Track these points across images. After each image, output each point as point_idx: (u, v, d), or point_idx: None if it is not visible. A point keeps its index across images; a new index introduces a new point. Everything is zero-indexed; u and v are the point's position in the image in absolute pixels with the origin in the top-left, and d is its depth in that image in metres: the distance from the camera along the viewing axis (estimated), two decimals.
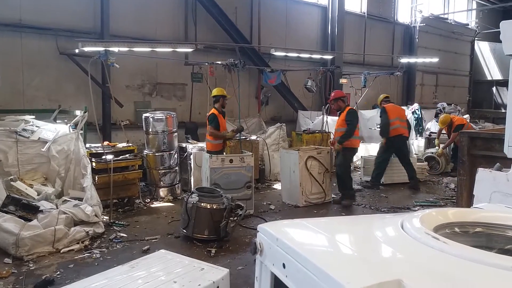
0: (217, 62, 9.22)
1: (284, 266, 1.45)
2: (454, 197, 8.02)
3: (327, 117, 11.47)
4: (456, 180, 6.82)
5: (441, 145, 10.90)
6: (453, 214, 1.76)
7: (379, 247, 1.49)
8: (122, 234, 6.01)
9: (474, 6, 20.90)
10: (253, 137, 9.71)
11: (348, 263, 1.37)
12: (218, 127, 7.39)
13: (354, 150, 8.24)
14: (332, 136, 9.33)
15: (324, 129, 11.26)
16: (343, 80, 13.26)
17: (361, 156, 10.37)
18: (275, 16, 12.62)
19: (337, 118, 12.56)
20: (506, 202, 2.37)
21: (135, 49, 8.23)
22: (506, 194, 2.45)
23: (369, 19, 15.52)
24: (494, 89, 20.55)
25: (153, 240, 5.84)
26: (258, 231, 1.69)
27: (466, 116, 13.56)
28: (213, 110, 7.48)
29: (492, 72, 20.90)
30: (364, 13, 15.41)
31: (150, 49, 8.51)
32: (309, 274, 1.30)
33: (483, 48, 21.06)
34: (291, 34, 12.96)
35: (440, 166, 10.84)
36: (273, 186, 9.41)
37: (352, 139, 7.87)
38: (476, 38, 20.72)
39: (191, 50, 9.36)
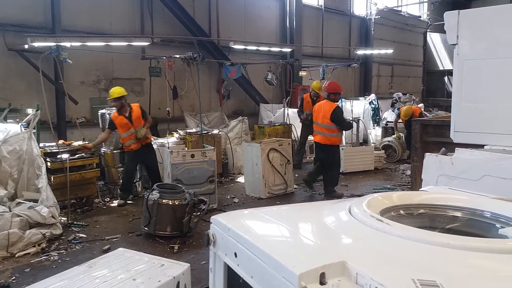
0: (175, 55, 9.08)
1: (236, 255, 1.47)
2: (409, 183, 8.35)
3: (288, 110, 11.61)
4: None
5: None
6: (398, 197, 1.84)
7: (327, 231, 1.54)
8: (81, 235, 5.85)
9: None
10: (215, 131, 9.67)
11: (296, 248, 1.41)
12: (114, 128, 7.32)
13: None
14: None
15: (285, 121, 11.39)
16: (302, 73, 13.45)
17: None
18: (234, 9, 12.57)
19: (296, 109, 12.82)
20: (451, 185, 2.50)
21: (88, 43, 7.97)
22: (451, 177, 2.58)
23: (326, 12, 15.76)
24: (446, 78, 21.45)
25: (114, 240, 5.73)
26: (211, 223, 1.70)
27: (421, 105, 14.09)
28: (114, 112, 7.42)
29: (444, 62, 21.81)
30: (321, 6, 15.63)
31: (104, 44, 8.27)
32: (258, 261, 1.32)
33: (435, 39, 21.91)
34: (250, 27, 12.96)
35: (397, 154, 11.24)
36: (237, 180, 9.43)
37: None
38: (428, 30, 21.52)
39: (148, 43, 9.17)
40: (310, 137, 10.62)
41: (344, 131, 7.76)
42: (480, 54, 3.24)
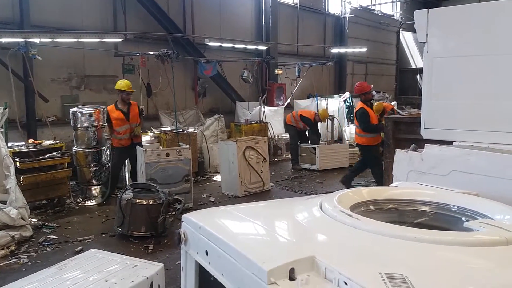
0: (149, 52, 8.95)
1: (207, 253, 1.46)
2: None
3: (264, 108, 11.64)
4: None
5: None
6: (367, 193, 1.87)
7: (298, 227, 1.55)
8: (52, 236, 5.71)
9: None
10: (191, 130, 9.60)
11: (266, 245, 1.41)
12: (110, 122, 7.35)
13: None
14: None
15: (261, 119, 11.42)
16: (278, 71, 13.50)
17: (298, 145, 10.64)
18: (209, 6, 12.48)
19: (275, 108, 12.89)
20: (421, 180, 2.55)
21: (58, 40, 7.76)
22: (420, 172, 2.64)
23: (302, 10, 15.84)
24: (418, 76, 21.93)
25: (86, 241, 5.62)
26: (182, 221, 1.68)
27: (394, 103, 14.36)
28: (111, 106, 7.52)
29: (416, 60, 22.30)
30: (297, 4, 15.70)
31: (75, 40, 8.06)
32: (229, 258, 1.32)
33: (407, 38, 22.36)
34: (226, 24, 12.90)
35: None
36: (213, 178, 9.40)
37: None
38: (401, 29, 21.93)
39: (120, 40, 8.99)
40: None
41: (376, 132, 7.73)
42: (449, 52, 3.32)
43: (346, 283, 1.09)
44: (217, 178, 9.11)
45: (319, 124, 10.95)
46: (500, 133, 3.07)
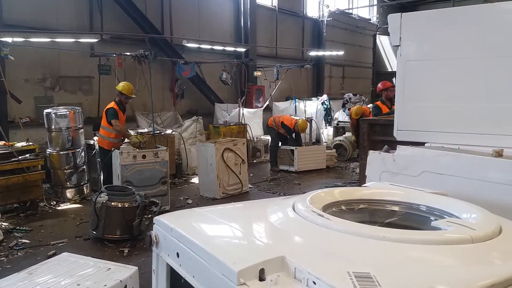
0: (126, 53, 8.83)
1: (178, 255, 1.45)
2: (359, 180, 8.63)
3: (243, 110, 11.65)
4: None
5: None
6: (339, 193, 1.89)
7: (270, 228, 1.56)
8: (24, 240, 5.56)
9: (375, 2, 22.47)
10: (168, 131, 9.51)
11: (237, 246, 1.41)
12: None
13: None
14: None
15: (240, 121, 11.42)
16: (257, 73, 13.53)
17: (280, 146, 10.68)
18: (187, 7, 12.40)
19: (253, 110, 12.90)
20: (394, 180, 2.60)
21: (32, 39, 7.60)
22: (393, 173, 2.70)
23: (280, 13, 15.93)
24: (394, 79, 22.30)
25: (59, 244, 5.50)
26: (154, 223, 1.66)
27: (370, 105, 14.57)
28: (113, 104, 7.20)
29: (392, 64, 22.71)
30: (275, 6, 15.78)
31: (49, 40, 7.89)
32: (200, 260, 1.31)
33: (384, 42, 22.77)
34: (204, 26, 12.85)
35: (348, 153, 11.57)
36: (191, 180, 9.34)
37: None
38: (377, 32, 22.30)
39: (96, 40, 8.85)
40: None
41: None
42: (421, 55, 3.40)
43: (314, 283, 1.10)
44: (195, 180, 9.06)
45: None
46: (470, 135, 3.16)
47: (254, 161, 11.51)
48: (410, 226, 1.76)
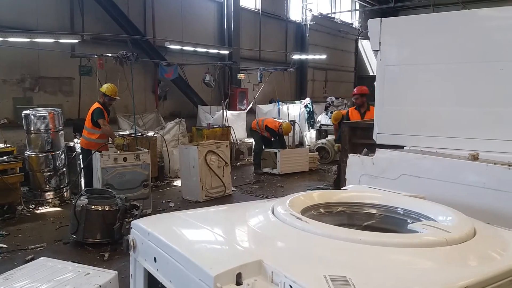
0: (107, 54, 8.73)
1: (155, 260, 1.44)
2: None
3: (226, 112, 11.64)
4: None
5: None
6: (318, 196, 1.90)
7: (248, 231, 1.56)
8: (1, 245, 5.43)
9: (357, 7, 22.75)
10: (151, 134, 9.42)
11: (215, 250, 1.41)
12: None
13: None
14: None
15: (224, 123, 11.40)
16: (241, 76, 13.55)
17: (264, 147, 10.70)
18: (170, 9, 12.34)
19: (237, 112, 12.90)
20: (373, 183, 2.63)
21: (10, 39, 7.45)
22: (372, 176, 2.73)
23: (264, 16, 15.99)
24: (375, 83, 22.60)
25: (38, 249, 5.39)
26: (131, 228, 1.65)
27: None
28: (98, 105, 7.09)
29: (374, 68, 22.99)
30: (259, 10, 15.83)
31: (28, 40, 7.75)
32: (177, 264, 1.30)
33: (365, 46, 23.06)
34: (187, 28, 12.80)
35: (330, 156, 11.66)
36: (173, 183, 9.27)
37: None
38: (359, 37, 22.59)
39: (77, 41, 8.73)
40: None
41: None
42: (400, 60, 3.45)
43: (291, 286, 1.11)
44: (178, 183, 8.99)
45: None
46: (448, 139, 3.21)
47: (238, 163, 11.50)
48: (388, 229, 1.78)
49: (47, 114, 7.45)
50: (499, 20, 3.16)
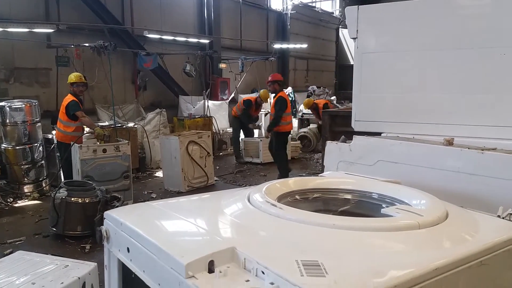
0: (84, 44, 8.54)
1: (128, 250, 1.43)
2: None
3: (208, 102, 11.55)
4: None
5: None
6: (293, 183, 1.91)
7: (223, 219, 1.55)
8: None
9: None
10: (131, 124, 9.30)
11: (188, 238, 1.40)
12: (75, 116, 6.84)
13: (285, 134, 8.52)
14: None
15: (206, 113, 11.32)
16: (222, 65, 13.43)
17: (242, 139, 10.71)
18: None
19: (219, 102, 12.84)
20: (350, 170, 2.66)
21: None
22: (349, 162, 2.75)
23: (244, 5, 15.84)
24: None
25: (17, 243, 5.30)
26: (104, 218, 1.62)
27: (333, 97, 14.82)
28: (71, 97, 6.89)
29: None
30: None
31: (1, 29, 7.51)
32: (149, 254, 1.29)
33: (346, 35, 23.08)
34: (167, 17, 12.59)
35: (312, 144, 11.72)
36: (155, 174, 9.19)
37: (282, 125, 8.16)
38: (340, 26, 22.61)
39: (53, 30, 8.50)
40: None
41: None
42: (377, 47, 3.47)
43: (263, 272, 1.11)
44: (160, 174, 8.92)
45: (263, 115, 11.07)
46: (424, 125, 3.27)
47: (220, 153, 11.47)
48: (363, 213, 1.80)
49: (23, 105, 7.28)
50: (474, 7, 3.21)
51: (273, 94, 8.50)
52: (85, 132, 7.04)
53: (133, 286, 1.44)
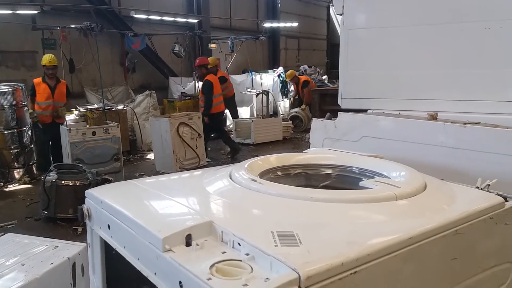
0: (70, 26, 8.38)
1: (109, 227, 1.44)
2: None
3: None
4: None
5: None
6: (275, 159, 1.92)
7: (203, 195, 1.56)
8: None
9: None
10: (120, 107, 9.22)
11: (166, 214, 1.41)
12: (34, 95, 7.07)
13: (220, 114, 8.75)
14: None
15: (196, 95, 11.24)
16: (212, 45, 13.28)
17: (233, 120, 10.69)
18: None
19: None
20: (335, 146, 2.68)
21: None
22: (334, 139, 2.77)
23: None
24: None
25: (8, 226, 5.31)
26: (85, 197, 1.63)
27: (325, 77, 14.76)
28: (38, 79, 7.22)
29: None
30: None
31: None
32: (128, 230, 1.31)
33: None
34: None
35: (303, 124, 11.73)
36: (146, 157, 9.17)
37: (214, 106, 8.33)
38: (330, 4, 22.34)
39: (37, 12, 8.32)
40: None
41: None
42: (363, 23, 3.45)
43: (239, 244, 1.13)
44: (151, 156, 8.91)
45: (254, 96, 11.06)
46: (410, 101, 3.28)
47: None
48: (343, 187, 1.82)
49: (10, 89, 7.18)
50: None
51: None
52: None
53: (115, 263, 1.46)
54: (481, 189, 1.77)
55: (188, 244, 1.16)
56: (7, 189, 6.93)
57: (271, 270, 1.01)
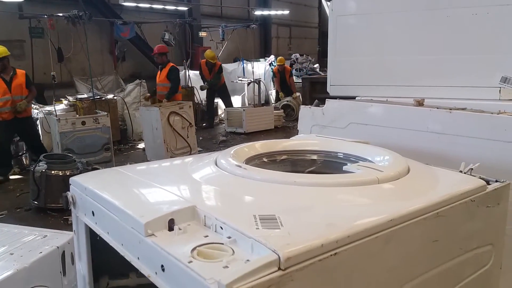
0: (58, 14, 8.26)
1: (93, 214, 1.45)
2: None
3: (189, 72, 11.39)
4: None
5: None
6: (261, 146, 1.93)
7: (188, 181, 1.57)
8: None
9: None
10: (110, 96, 9.15)
11: (149, 200, 1.42)
12: None
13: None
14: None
15: (187, 84, 11.18)
16: (202, 34, 13.19)
17: (224, 109, 10.67)
18: None
19: (197, 72, 12.67)
20: (323, 133, 2.69)
21: None
22: (322, 126, 2.78)
23: None
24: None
25: None
26: (70, 184, 1.63)
27: (316, 65, 14.73)
28: None
29: None
30: None
31: None
32: (112, 216, 1.31)
33: None
34: None
35: (295, 113, 11.73)
36: (137, 146, 9.15)
37: (177, 94, 8.55)
38: None
39: (23, 0, 8.18)
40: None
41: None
42: (352, 10, 3.44)
43: (221, 228, 1.14)
44: (142, 145, 8.88)
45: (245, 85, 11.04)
46: (398, 87, 3.29)
47: (204, 124, 11.42)
48: (328, 172, 1.84)
49: None
50: None
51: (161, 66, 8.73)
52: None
53: (100, 249, 1.46)
54: (464, 173, 1.79)
55: (170, 228, 1.17)
56: None
57: (252, 252, 1.02)
